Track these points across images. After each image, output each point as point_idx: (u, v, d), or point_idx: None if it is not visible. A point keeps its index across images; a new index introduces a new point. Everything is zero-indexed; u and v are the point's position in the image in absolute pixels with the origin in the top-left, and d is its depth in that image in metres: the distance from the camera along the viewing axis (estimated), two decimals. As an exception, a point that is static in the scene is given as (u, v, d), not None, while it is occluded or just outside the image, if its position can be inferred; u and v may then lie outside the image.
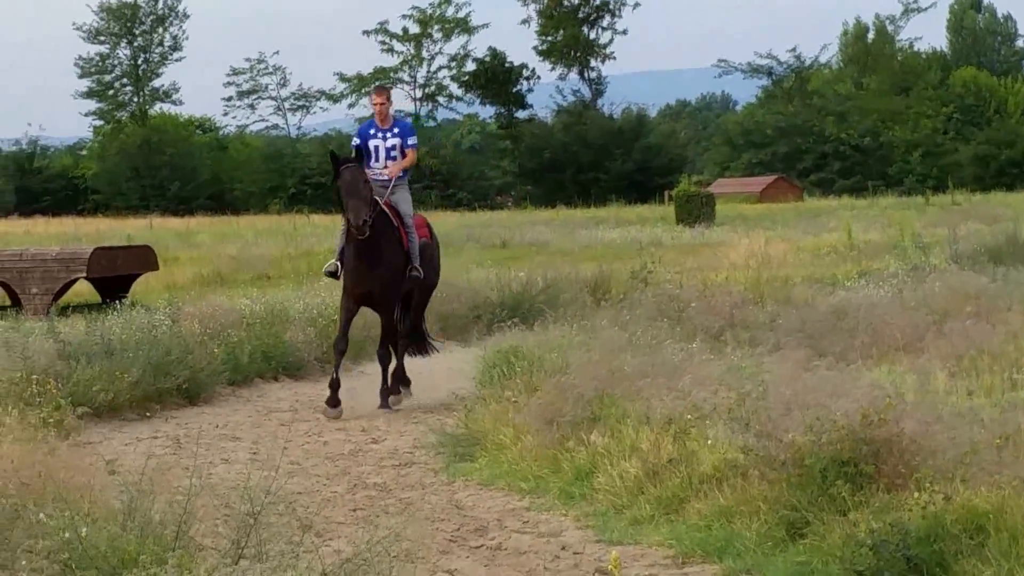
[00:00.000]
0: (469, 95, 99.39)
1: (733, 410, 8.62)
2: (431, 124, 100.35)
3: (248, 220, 65.46)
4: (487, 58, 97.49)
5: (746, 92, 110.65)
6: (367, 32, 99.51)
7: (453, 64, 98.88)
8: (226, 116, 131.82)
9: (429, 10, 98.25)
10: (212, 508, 7.40)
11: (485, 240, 40.02)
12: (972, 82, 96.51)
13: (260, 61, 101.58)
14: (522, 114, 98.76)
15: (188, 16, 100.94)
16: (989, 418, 8.17)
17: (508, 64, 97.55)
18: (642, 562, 7.60)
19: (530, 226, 47.35)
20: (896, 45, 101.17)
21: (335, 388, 13.34)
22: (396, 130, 14.14)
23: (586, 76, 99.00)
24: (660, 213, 57.63)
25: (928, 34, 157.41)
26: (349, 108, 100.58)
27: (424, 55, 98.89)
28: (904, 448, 7.46)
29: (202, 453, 10.09)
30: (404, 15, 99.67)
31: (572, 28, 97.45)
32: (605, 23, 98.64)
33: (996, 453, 7.30)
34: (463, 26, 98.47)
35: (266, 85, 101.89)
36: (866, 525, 6.81)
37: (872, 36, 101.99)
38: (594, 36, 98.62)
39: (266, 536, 6.37)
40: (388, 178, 13.91)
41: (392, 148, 14.05)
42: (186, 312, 16.72)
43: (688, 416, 8.88)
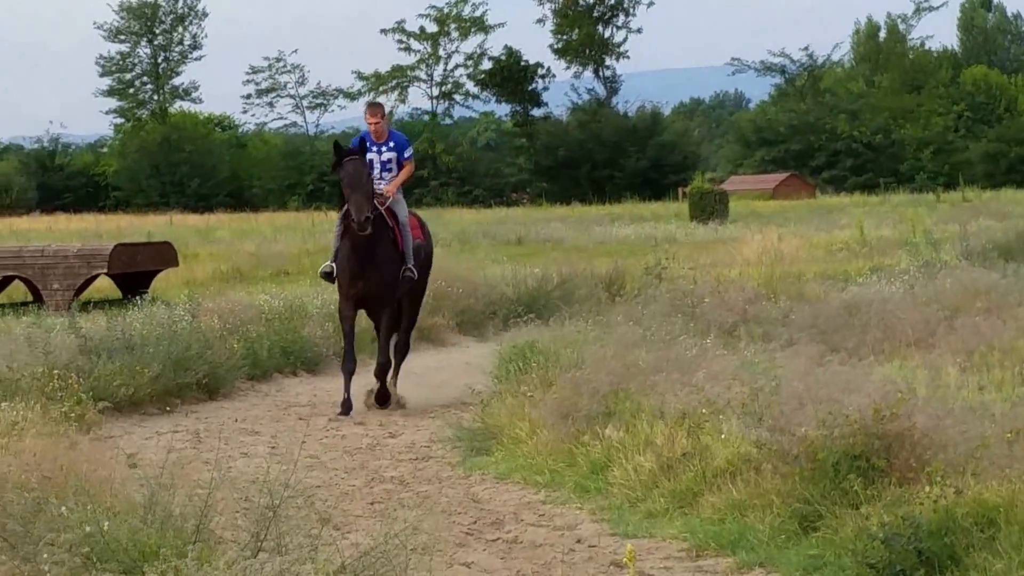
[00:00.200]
0: (485, 93, 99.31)
1: (746, 405, 8.66)
2: (447, 122, 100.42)
3: (267, 217, 65.54)
4: (503, 57, 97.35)
5: (759, 90, 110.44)
6: (384, 31, 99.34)
7: (469, 62, 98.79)
8: (245, 114, 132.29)
9: (446, 9, 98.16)
10: (232, 501, 7.46)
11: (501, 237, 40.11)
12: (982, 80, 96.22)
13: (279, 60, 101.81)
14: (538, 112, 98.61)
15: (207, 15, 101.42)
16: (1000, 413, 8.22)
17: (524, 62, 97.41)
18: (656, 555, 7.64)
19: (545, 223, 47.41)
20: (907, 44, 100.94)
21: (347, 409, 13.15)
22: (392, 144, 13.92)
23: (601, 74, 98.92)
24: (674, 210, 57.66)
25: (939, 33, 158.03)
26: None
27: (441, 53, 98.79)
28: (915, 442, 7.50)
29: (222, 447, 10.16)
30: (421, 14, 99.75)
31: (587, 27, 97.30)
32: (620, 22, 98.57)
33: (1007, 447, 7.34)
34: (479, 25, 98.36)
35: (284, 83, 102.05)
36: (878, 518, 6.85)
37: (884, 35, 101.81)
38: (609, 35, 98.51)
39: (285, 529, 6.42)
40: (387, 196, 13.64)
41: (388, 161, 13.86)
42: (206, 308, 16.81)
43: (702, 411, 8.92)
